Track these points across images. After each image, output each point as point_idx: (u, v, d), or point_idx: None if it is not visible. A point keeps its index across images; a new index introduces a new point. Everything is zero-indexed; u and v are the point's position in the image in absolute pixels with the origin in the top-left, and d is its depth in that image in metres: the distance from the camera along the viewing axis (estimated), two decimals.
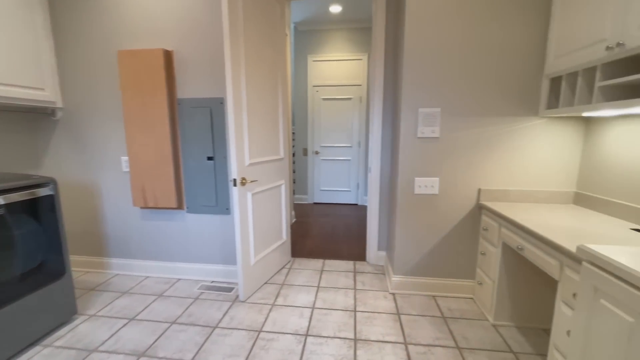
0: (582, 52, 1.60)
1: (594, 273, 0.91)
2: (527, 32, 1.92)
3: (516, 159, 2.06)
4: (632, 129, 1.63)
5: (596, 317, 0.90)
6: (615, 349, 0.84)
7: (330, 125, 4.90)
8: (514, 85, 1.99)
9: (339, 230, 3.76)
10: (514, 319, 1.91)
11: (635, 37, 1.29)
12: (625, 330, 0.80)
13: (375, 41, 2.51)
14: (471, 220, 2.16)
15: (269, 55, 2.29)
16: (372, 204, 2.72)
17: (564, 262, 1.28)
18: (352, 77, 4.74)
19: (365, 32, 4.62)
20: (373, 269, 2.69)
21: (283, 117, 2.56)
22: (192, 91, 2.28)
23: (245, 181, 2.05)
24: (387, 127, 2.61)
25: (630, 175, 1.63)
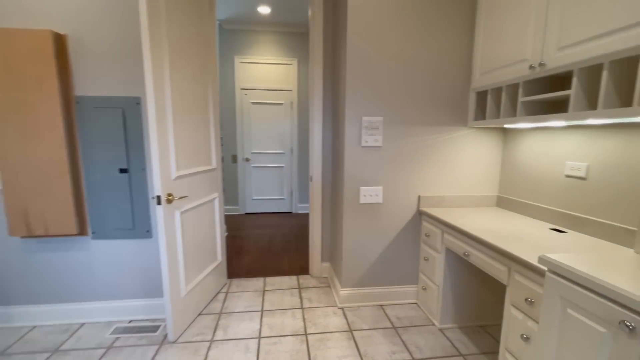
0: (506, 69, 1.75)
1: (559, 283, 0.93)
2: (458, 48, 2.05)
3: (449, 167, 2.18)
4: (541, 139, 1.86)
5: (565, 328, 0.92)
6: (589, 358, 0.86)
7: (261, 130, 4.65)
8: (447, 97, 2.10)
9: (276, 242, 3.55)
10: (457, 320, 2.00)
11: (554, 58, 1.44)
12: (598, 340, 0.82)
13: (313, 48, 2.41)
14: (413, 226, 2.21)
15: (198, 50, 1.99)
16: (315, 214, 2.60)
17: (512, 267, 1.35)
18: (282, 82, 4.60)
19: (295, 37, 4.53)
20: (318, 282, 2.57)
21: (214, 122, 2.27)
22: (97, 88, 1.83)
23: (172, 198, 1.71)
24: (328, 135, 2.53)
25: (541, 180, 1.85)
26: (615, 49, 1.19)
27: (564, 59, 1.39)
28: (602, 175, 1.51)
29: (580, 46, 1.33)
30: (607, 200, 1.49)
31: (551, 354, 0.97)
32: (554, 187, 1.78)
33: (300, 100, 4.68)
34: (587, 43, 1.30)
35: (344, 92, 2.06)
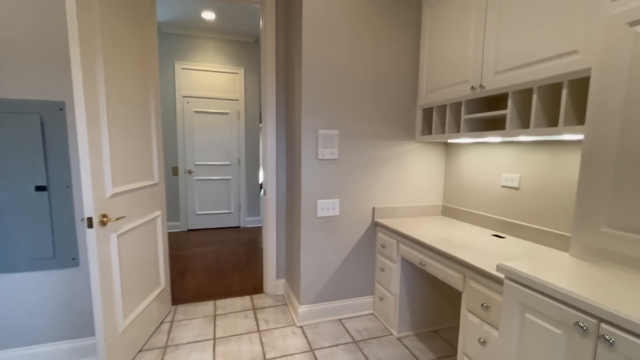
0: (450, 89, 1.90)
1: (517, 290, 1.00)
2: (406, 67, 2.18)
3: (400, 178, 2.28)
4: (480, 153, 2.04)
5: (524, 331, 0.99)
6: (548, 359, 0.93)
7: (205, 141, 4.38)
8: (396, 113, 2.21)
9: (225, 260, 3.32)
10: (413, 327, 2.07)
11: (492, 81, 1.60)
12: (555, 342, 0.89)
13: (265, 60, 2.35)
14: (368, 238, 2.25)
15: (138, 51, 1.79)
16: (269, 229, 2.50)
17: (467, 274, 1.43)
18: (228, 91, 4.42)
19: (242, 45, 4.40)
20: (273, 301, 2.45)
21: (156, 131, 2.05)
22: (3, 89, 1.52)
23: (106, 219, 1.48)
24: (282, 148, 2.47)
25: (480, 190, 2.03)
26: (541, 76, 1.36)
27: (500, 82, 1.56)
28: (533, 186, 1.71)
29: (513, 72, 1.49)
30: (538, 208, 1.68)
31: (511, 357, 1.04)
32: (492, 197, 1.96)
33: (248, 110, 4.54)
34: (519, 70, 1.46)
35: (299, 105, 2.03)
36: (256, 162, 4.69)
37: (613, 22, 1.02)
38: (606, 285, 0.90)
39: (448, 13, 1.89)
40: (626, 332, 0.75)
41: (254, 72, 4.52)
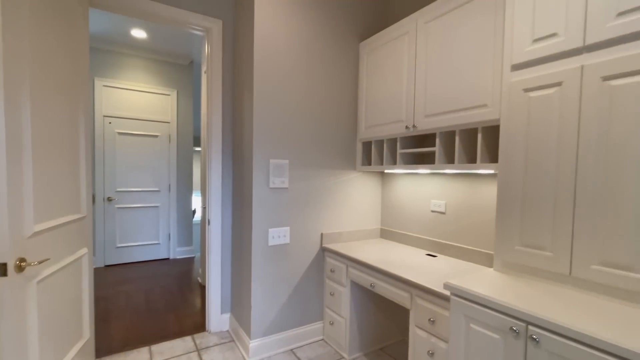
0: (387, 126, 2.16)
1: (463, 304, 1.18)
2: (348, 104, 2.39)
3: (344, 205, 2.43)
4: (412, 182, 2.33)
5: (470, 339, 1.16)
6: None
7: (130, 165, 3.97)
8: (342, 145, 2.39)
9: (156, 297, 2.98)
10: (362, 348, 2.16)
11: (422, 122, 1.89)
12: (495, 347, 1.08)
13: (211, 88, 2.32)
14: (317, 263, 2.31)
15: (68, 68, 1.61)
16: (213, 261, 2.37)
17: (413, 293, 1.59)
18: (158, 113, 4.14)
19: (175, 67, 4.22)
20: (219, 339, 2.29)
21: (86, 157, 1.84)
22: None
23: (25, 264, 1.25)
24: (227, 176, 2.42)
25: (413, 214, 2.31)
26: (461, 122, 1.67)
27: (429, 124, 1.84)
28: (456, 210, 2.02)
29: (439, 116, 1.79)
30: (461, 229, 1.98)
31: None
32: (423, 220, 2.24)
33: (180, 134, 4.30)
34: (444, 115, 1.76)
35: (251, 137, 2.05)
36: (189, 188, 4.40)
37: (513, 87, 1.34)
38: (526, 294, 1.13)
39: (383, 61, 2.17)
40: (547, 330, 0.96)
41: (187, 95, 4.34)
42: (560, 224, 1.18)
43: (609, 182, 1.06)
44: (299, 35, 2.14)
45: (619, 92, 1.04)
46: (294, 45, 2.12)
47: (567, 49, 1.17)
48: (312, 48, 2.19)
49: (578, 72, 1.13)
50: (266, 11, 2.01)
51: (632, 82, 1.01)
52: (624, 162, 1.03)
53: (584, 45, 1.13)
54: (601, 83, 1.08)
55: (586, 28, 1.12)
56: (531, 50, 1.28)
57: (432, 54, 1.82)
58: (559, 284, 1.20)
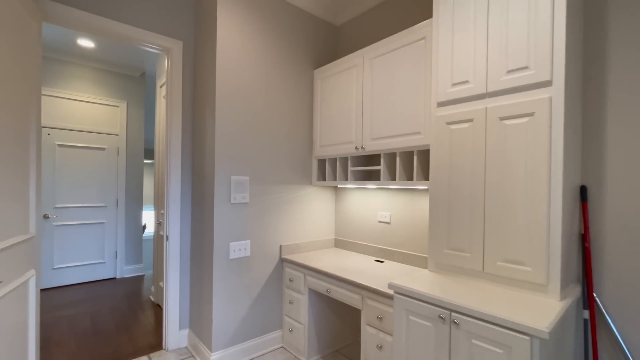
0: (339, 146, 2.40)
1: (404, 300, 1.41)
2: (305, 126, 2.60)
3: (301, 217, 2.61)
4: (362, 195, 2.59)
5: (409, 329, 1.39)
6: (425, 348, 1.35)
7: (72, 179, 3.72)
8: (298, 162, 2.58)
9: (104, 319, 2.83)
10: (319, 351, 2.32)
11: (369, 144, 2.16)
12: (428, 333, 1.32)
13: (170, 104, 2.37)
14: (276, 274, 2.44)
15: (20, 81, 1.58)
16: (172, 276, 2.37)
17: (364, 295, 1.81)
18: (105, 125, 3.96)
19: (125, 78, 4.09)
20: (177, 356, 2.28)
21: (36, 171, 1.78)
22: None
23: None
24: (186, 192, 2.46)
25: (363, 225, 2.56)
26: (400, 145, 1.96)
27: (375, 146, 2.12)
28: (399, 220, 2.31)
29: (383, 140, 2.07)
30: (403, 237, 2.27)
31: (402, 351, 1.42)
32: (372, 230, 2.50)
33: (130, 147, 4.14)
34: (387, 139, 2.05)
35: (212, 155, 2.14)
36: (139, 203, 4.23)
37: (438, 120, 1.65)
38: (451, 288, 1.40)
39: (335, 89, 2.43)
40: (464, 315, 1.22)
41: (138, 107, 4.21)
42: (475, 230, 1.49)
43: (506, 195, 1.39)
44: (259, 59, 2.31)
45: (510, 129, 1.38)
46: (255, 67, 2.28)
47: (475, 94, 1.50)
48: (271, 71, 2.37)
49: (483, 112, 1.47)
50: (228, 35, 2.15)
51: (516, 122, 1.35)
52: (516, 176, 1.36)
53: (487, 92, 1.47)
54: (498, 121, 1.42)
55: (487, 79, 1.46)
56: (451, 92, 1.60)
57: (376, 86, 2.11)
58: (476, 279, 1.50)
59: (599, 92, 1.49)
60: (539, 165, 1.30)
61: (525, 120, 1.34)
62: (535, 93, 1.32)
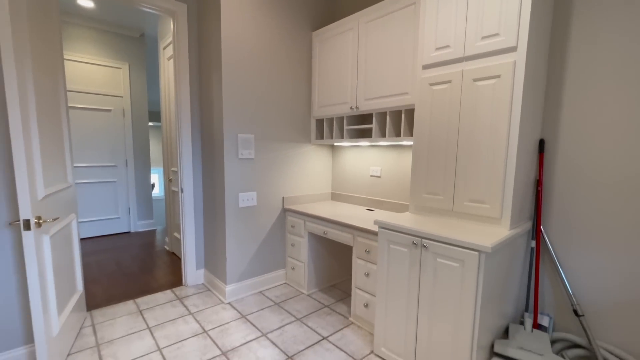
0: (335, 107, 2.62)
1: (386, 232, 1.74)
2: (304, 87, 2.79)
3: (301, 173, 2.89)
4: (356, 152, 2.86)
5: (390, 256, 1.73)
6: (401, 268, 1.69)
7: (83, 140, 3.93)
8: (298, 122, 2.80)
9: (128, 264, 3.21)
10: (317, 285, 2.72)
11: (363, 104, 2.38)
12: (404, 256, 1.66)
13: (179, 66, 2.54)
14: (279, 221, 2.77)
15: (47, 43, 1.76)
16: (188, 224, 2.69)
17: (355, 234, 2.15)
18: (109, 87, 4.09)
19: (125, 39, 4.14)
20: (196, 290, 2.68)
21: (67, 129, 2.01)
22: None
23: (41, 221, 1.51)
24: (197, 151, 2.70)
25: (356, 179, 2.86)
26: (390, 105, 2.19)
27: (368, 106, 2.34)
28: (388, 174, 2.60)
29: (375, 100, 2.29)
30: (392, 189, 2.57)
31: (384, 274, 1.77)
32: (364, 183, 2.80)
33: (134, 108, 4.30)
34: (378, 99, 2.27)
35: (221, 115, 2.36)
36: (146, 163, 4.48)
37: (423, 81, 1.87)
38: (425, 223, 1.71)
39: (332, 51, 2.59)
40: (431, 240, 1.54)
41: (139, 69, 4.30)
42: (448, 177, 1.77)
43: (474, 147, 1.66)
44: (261, 22, 2.44)
45: (481, 89, 1.61)
46: (257, 30, 2.43)
47: (454, 57, 1.71)
48: (273, 33, 2.52)
49: (460, 75, 1.69)
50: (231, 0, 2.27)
51: (486, 83, 1.58)
52: (482, 131, 1.62)
53: (464, 56, 1.68)
54: (472, 82, 1.64)
55: (465, 44, 1.66)
56: (434, 55, 1.80)
57: (370, 49, 2.29)
58: (446, 217, 1.82)
59: (561, 59, 1.71)
60: (501, 121, 1.55)
61: (493, 81, 1.57)
62: (503, 57, 1.54)
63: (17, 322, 1.67)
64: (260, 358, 1.82)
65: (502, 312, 1.66)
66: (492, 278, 1.48)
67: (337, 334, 2.07)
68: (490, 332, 1.57)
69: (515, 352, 1.52)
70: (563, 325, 1.77)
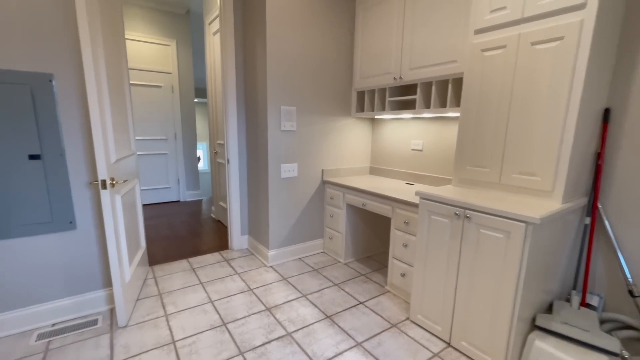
0: (377, 78, 2.57)
1: (427, 203, 1.74)
2: (346, 59, 2.75)
3: (340, 146, 2.91)
4: (397, 126, 2.81)
5: (430, 226, 1.74)
6: (441, 238, 1.70)
7: (138, 115, 4.25)
8: (339, 94, 2.80)
9: (179, 229, 3.52)
10: (354, 255, 2.80)
11: (408, 74, 2.31)
12: (445, 227, 1.66)
13: (225, 43, 2.62)
14: (318, 193, 2.86)
15: (111, 21, 1.91)
16: (233, 193, 2.87)
17: (394, 206, 2.16)
18: (159, 63, 4.32)
19: (172, 16, 4.31)
20: (240, 254, 2.89)
21: (130, 101, 2.20)
22: None
23: (114, 182, 1.70)
24: (242, 123, 2.82)
25: (396, 153, 2.82)
26: (437, 74, 2.11)
27: (413, 76, 2.28)
28: (430, 147, 2.54)
29: (420, 70, 2.22)
30: (433, 162, 2.52)
31: (424, 244, 1.79)
32: (404, 157, 2.77)
33: (182, 84, 4.53)
34: (424, 68, 2.19)
35: (264, 86, 2.43)
36: (193, 137, 4.75)
37: (474, 47, 1.78)
38: (468, 194, 1.68)
39: (376, 20, 2.51)
40: (475, 211, 1.52)
41: (186, 45, 4.48)
42: (496, 148, 1.71)
43: (528, 117, 1.57)
44: None
45: (539, 53, 1.50)
46: (300, 4, 2.41)
47: (511, 20, 1.60)
48: (315, 6, 2.49)
49: (516, 39, 1.58)
50: None
51: (546, 47, 1.47)
52: (539, 99, 1.53)
53: (522, 17, 1.56)
54: (529, 46, 1.53)
55: (525, 3, 1.54)
56: (488, 18, 1.69)
57: (417, 16, 2.19)
58: (490, 189, 1.77)
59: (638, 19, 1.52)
60: (560, 88, 1.45)
61: (555, 44, 1.45)
62: (568, 17, 1.41)
63: (97, 269, 1.94)
64: (301, 315, 1.96)
65: (547, 288, 1.62)
66: (539, 252, 1.44)
67: (373, 300, 2.15)
68: (533, 306, 1.55)
69: (558, 326, 1.49)
70: (614, 306, 1.69)
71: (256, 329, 1.82)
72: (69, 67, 1.71)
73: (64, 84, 1.71)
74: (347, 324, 1.90)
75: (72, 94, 1.74)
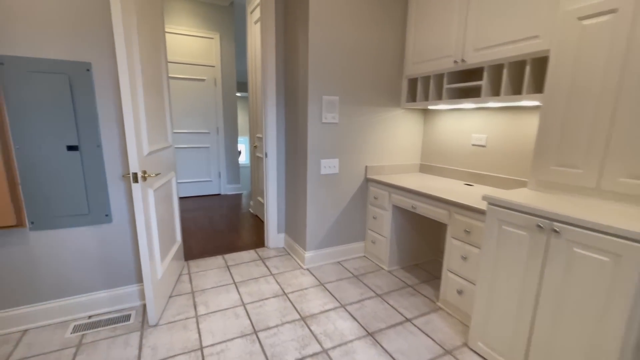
0: (434, 62, 2.24)
1: (498, 210, 1.41)
2: (394, 42, 2.46)
3: (386, 141, 2.63)
4: (454, 118, 2.45)
5: (500, 239, 1.42)
6: (516, 255, 1.37)
7: (181, 108, 4.31)
8: (387, 82, 2.51)
9: (218, 222, 3.49)
10: (399, 263, 2.52)
11: (472, 56, 1.96)
12: (522, 241, 1.33)
13: (265, 35, 2.46)
14: (360, 192, 2.61)
15: (150, 12, 1.82)
16: (270, 189, 2.73)
17: (452, 210, 1.85)
18: (203, 57, 4.33)
19: (215, 9, 4.28)
20: (276, 252, 2.75)
21: (168, 94, 2.13)
22: (28, 47, 1.51)
23: (146, 175, 1.62)
24: (281, 116, 2.66)
25: (453, 149, 2.47)
26: (511, 54, 1.74)
27: (479, 58, 1.92)
28: (496, 143, 2.16)
29: (489, 50, 1.86)
30: (499, 160, 2.14)
31: (491, 260, 1.47)
32: (463, 154, 2.40)
33: (225, 77, 4.51)
34: (494, 48, 1.83)
35: (306, 73, 2.22)
36: (234, 131, 4.74)
37: (567, 16, 1.40)
38: (552, 201, 1.33)
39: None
40: (566, 224, 1.18)
41: (229, 38, 4.45)
42: (595, 144, 1.33)
43: None
44: None
45: None
46: None
47: None
48: None
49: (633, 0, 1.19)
50: None
51: None
52: None
53: None
54: None
55: None
56: None
57: None
58: (584, 196, 1.39)
59: None
60: None
61: None
62: None
63: (132, 263, 1.90)
64: (338, 329, 1.75)
65: None
66: None
67: (422, 318, 1.87)
68: None
69: None
70: None
71: (289, 341, 1.64)
72: (106, 57, 1.65)
73: (101, 74, 1.66)
74: (391, 344, 1.64)
75: (108, 85, 1.68)
